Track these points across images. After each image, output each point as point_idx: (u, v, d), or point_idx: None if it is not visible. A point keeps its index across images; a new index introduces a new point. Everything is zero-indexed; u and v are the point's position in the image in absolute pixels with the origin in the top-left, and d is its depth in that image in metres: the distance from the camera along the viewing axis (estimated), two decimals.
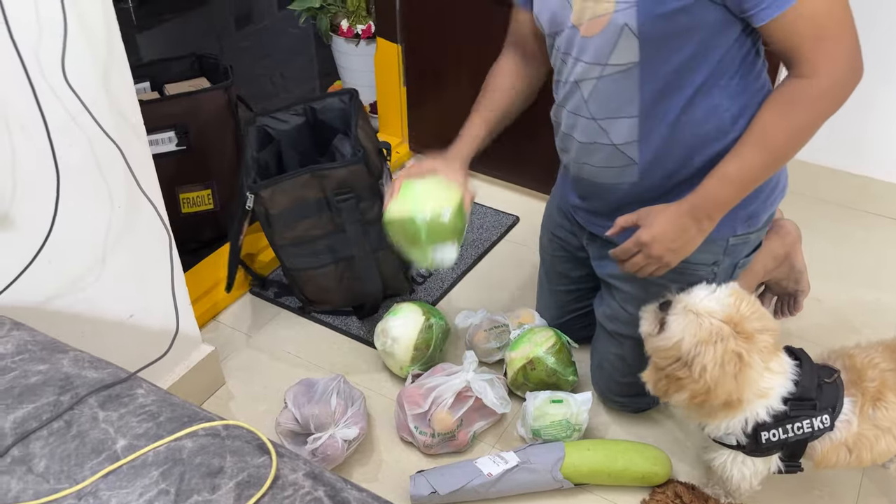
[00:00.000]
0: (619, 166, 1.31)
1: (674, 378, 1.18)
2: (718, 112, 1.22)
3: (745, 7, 1.10)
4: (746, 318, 1.16)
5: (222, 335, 1.79)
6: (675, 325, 1.18)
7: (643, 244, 1.24)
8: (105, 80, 1.18)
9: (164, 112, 1.84)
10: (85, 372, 0.95)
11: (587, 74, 1.25)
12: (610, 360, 1.54)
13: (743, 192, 1.21)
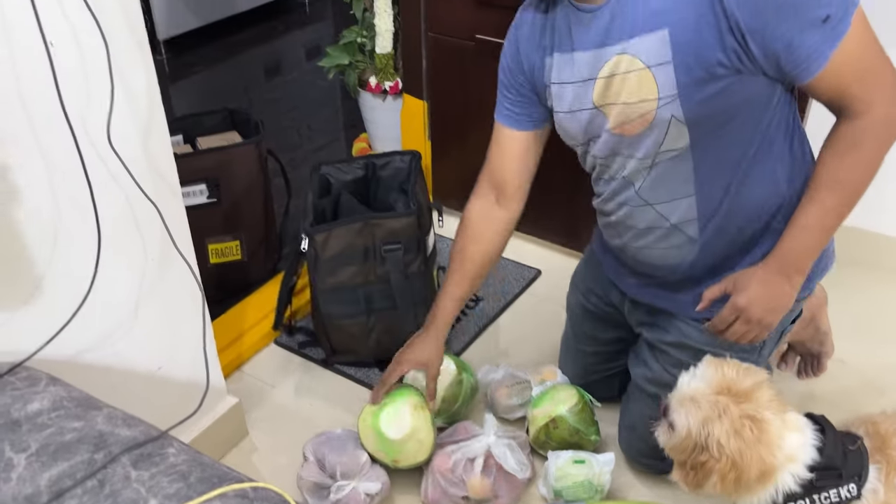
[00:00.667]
0: (678, 245, 1.30)
1: (699, 466, 1.17)
2: (773, 177, 1.23)
3: (788, 71, 1.11)
4: (736, 381, 1.16)
5: (246, 386, 1.81)
6: (678, 420, 1.18)
7: (741, 309, 1.24)
8: (145, 142, 1.23)
9: (197, 166, 1.89)
10: (118, 430, 0.97)
11: (640, 167, 1.25)
12: (644, 422, 1.48)
13: (825, 238, 1.21)
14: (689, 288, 1.35)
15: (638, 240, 1.34)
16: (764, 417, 1.14)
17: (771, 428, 1.15)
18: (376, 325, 1.76)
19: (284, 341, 1.93)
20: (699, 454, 1.16)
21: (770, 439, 1.15)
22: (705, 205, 1.25)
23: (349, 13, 2.41)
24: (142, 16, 1.17)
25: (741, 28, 1.07)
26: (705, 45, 1.09)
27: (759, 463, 1.14)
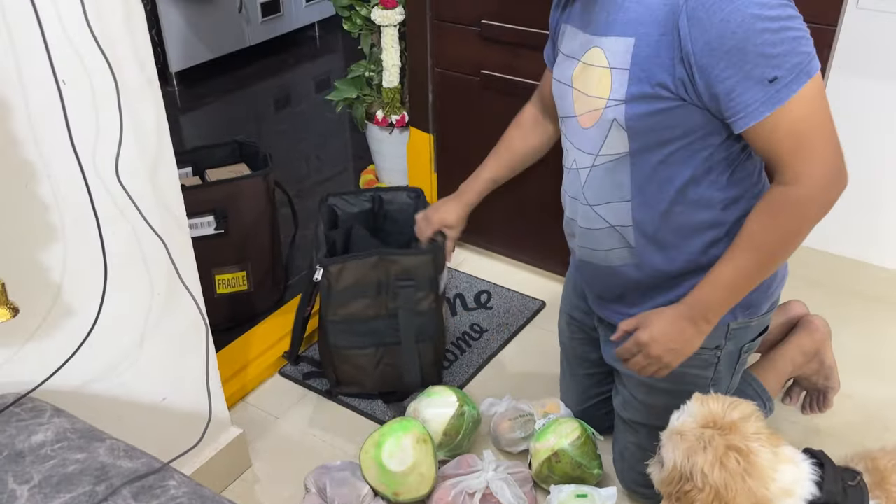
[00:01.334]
0: (617, 248, 1.34)
1: (683, 495, 1.17)
2: (710, 204, 1.26)
3: (725, 114, 1.13)
4: (720, 414, 1.16)
5: (250, 416, 1.82)
6: (665, 455, 1.18)
7: (642, 344, 1.27)
8: (153, 176, 1.26)
9: (205, 197, 1.92)
10: (120, 462, 0.98)
11: (584, 163, 1.31)
12: (630, 450, 1.54)
13: (737, 295, 1.24)
14: (642, 303, 1.37)
15: (584, 240, 1.38)
16: (751, 449, 1.14)
17: (759, 460, 1.14)
18: (383, 357, 1.77)
19: (289, 372, 1.94)
20: (684, 484, 1.16)
21: (760, 471, 1.14)
22: (641, 214, 1.28)
23: (358, 48, 2.46)
24: (152, 53, 1.20)
25: (691, 62, 1.10)
26: (660, 64, 1.13)
27: (748, 495, 1.14)
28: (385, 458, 1.48)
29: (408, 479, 1.48)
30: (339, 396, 1.86)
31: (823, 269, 2.20)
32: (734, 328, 1.37)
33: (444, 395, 1.65)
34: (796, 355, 1.70)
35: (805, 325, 1.72)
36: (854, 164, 2.04)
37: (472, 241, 2.40)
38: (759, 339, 1.44)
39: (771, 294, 1.39)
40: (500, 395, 1.75)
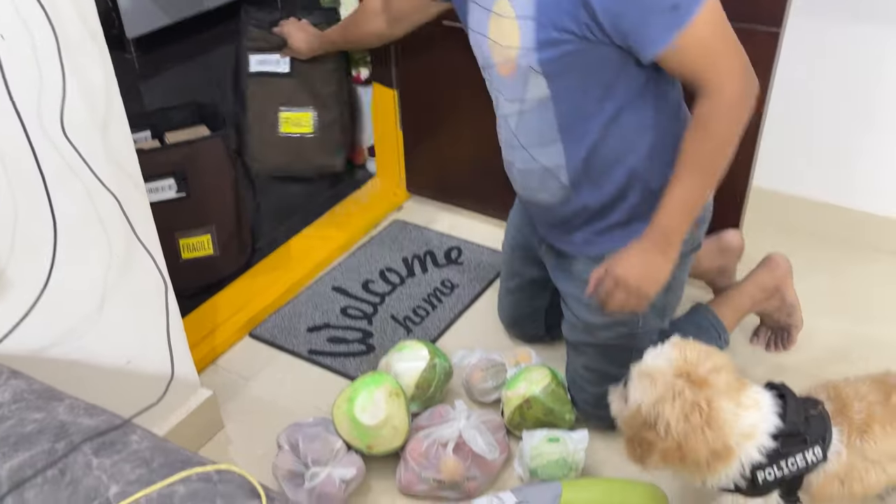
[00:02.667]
0: (553, 188, 1.41)
1: (644, 442, 1.19)
2: (629, 133, 1.33)
3: (635, 47, 1.20)
4: (695, 364, 1.17)
5: (221, 379, 1.80)
6: (633, 393, 1.20)
7: (619, 278, 1.32)
8: (103, 133, 1.22)
9: (164, 160, 1.88)
10: (80, 419, 0.97)
11: (510, 109, 1.38)
12: (579, 373, 1.59)
13: (690, 214, 1.31)
14: (580, 230, 1.47)
15: (523, 181, 1.46)
16: (716, 405, 1.16)
17: (723, 415, 1.16)
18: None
19: (259, 334, 1.93)
20: (646, 431, 1.18)
21: (721, 425, 1.16)
22: (570, 153, 1.35)
23: (317, 9, 2.39)
24: (94, 6, 1.16)
25: (592, 4, 1.15)
26: (563, 10, 1.19)
27: (706, 447, 1.16)
28: (357, 413, 1.48)
29: (381, 432, 1.48)
30: (312, 357, 1.85)
31: (792, 213, 2.22)
32: None
33: (414, 348, 1.65)
34: (755, 291, 1.74)
35: (766, 263, 1.76)
36: (820, 108, 2.06)
37: (442, 198, 2.39)
38: (691, 256, 1.50)
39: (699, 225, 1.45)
40: (473, 347, 1.76)
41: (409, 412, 1.52)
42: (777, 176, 2.19)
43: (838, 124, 2.07)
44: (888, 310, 1.95)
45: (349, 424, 1.48)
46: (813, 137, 2.12)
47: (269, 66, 2.14)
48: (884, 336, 1.86)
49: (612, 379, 1.52)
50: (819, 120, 2.09)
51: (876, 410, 1.24)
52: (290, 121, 2.14)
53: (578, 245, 1.49)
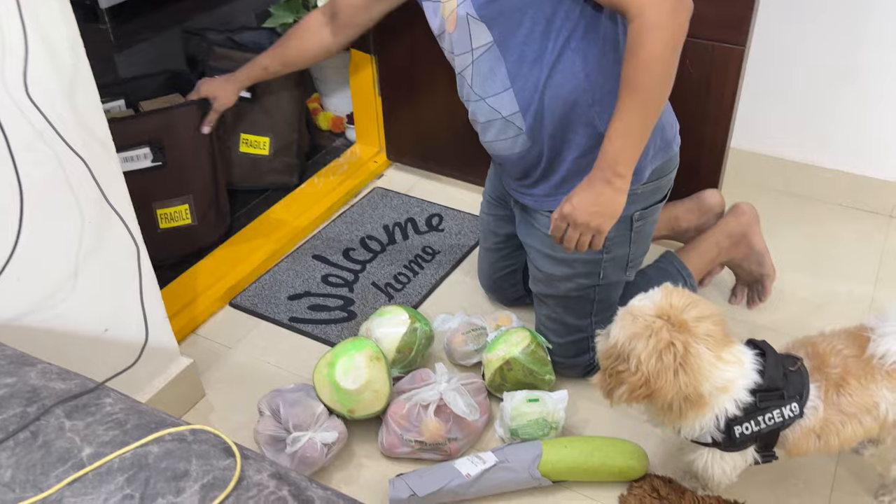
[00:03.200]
0: (512, 136, 1.44)
1: (615, 374, 1.20)
2: (574, 74, 1.35)
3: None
4: (679, 310, 1.18)
5: (202, 348, 1.80)
6: (613, 329, 1.21)
7: (566, 216, 1.33)
8: (71, 97, 1.20)
9: (139, 128, 1.85)
10: (52, 384, 0.96)
11: (464, 63, 1.43)
12: (543, 323, 1.64)
13: (635, 140, 1.28)
14: (540, 182, 1.49)
15: (486, 134, 1.49)
16: (693, 350, 1.17)
17: (698, 360, 1.17)
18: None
19: (240, 302, 1.92)
20: (619, 364, 1.19)
21: (695, 371, 1.17)
22: (522, 97, 1.39)
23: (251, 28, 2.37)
24: None
25: None
26: None
27: (677, 389, 1.17)
28: (339, 377, 1.48)
29: (362, 396, 1.48)
30: (294, 326, 1.85)
31: (768, 173, 2.23)
32: None
33: (395, 313, 1.65)
34: (721, 238, 1.76)
35: (732, 210, 1.79)
36: (796, 68, 2.06)
37: (422, 165, 2.37)
38: (654, 207, 1.51)
39: (651, 160, 1.45)
40: (454, 312, 1.76)
41: (390, 376, 1.52)
42: (753, 137, 2.19)
43: (812, 85, 2.07)
44: (862, 266, 1.96)
45: (330, 389, 1.49)
46: (787, 98, 2.12)
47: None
48: (858, 292, 1.88)
49: (573, 329, 1.56)
50: (793, 81, 2.09)
51: (851, 364, 1.25)
52: (248, 142, 2.22)
53: (539, 199, 1.51)
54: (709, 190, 1.83)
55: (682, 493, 1.42)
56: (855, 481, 1.45)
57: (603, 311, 1.56)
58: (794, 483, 1.45)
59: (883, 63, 1.96)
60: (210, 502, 0.80)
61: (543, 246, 1.53)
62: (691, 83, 1.76)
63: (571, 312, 1.56)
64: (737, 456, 1.31)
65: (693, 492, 1.42)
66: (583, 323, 1.57)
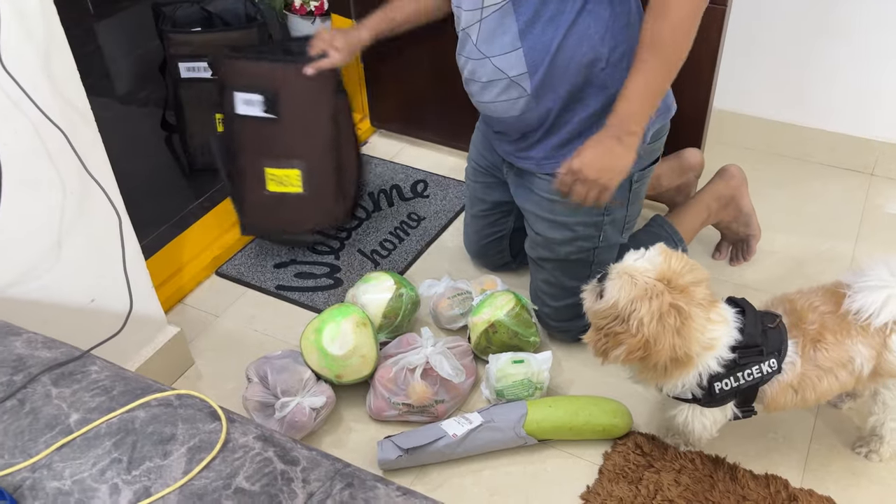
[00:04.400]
0: (515, 97, 1.41)
1: (612, 335, 1.21)
2: (589, 36, 1.34)
3: None
4: (678, 274, 1.19)
5: (189, 317, 1.81)
6: (611, 289, 1.21)
7: (576, 171, 1.32)
8: (46, 65, 1.19)
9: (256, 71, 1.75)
10: (38, 352, 0.97)
11: (472, 20, 1.39)
12: (541, 288, 1.64)
13: (651, 100, 1.30)
14: (539, 143, 1.48)
15: (485, 94, 1.46)
16: (690, 313, 1.18)
17: (693, 323, 1.19)
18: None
19: (226, 271, 1.92)
20: (617, 325, 1.20)
21: (689, 333, 1.19)
22: (532, 58, 1.36)
23: None
24: None
25: None
26: None
27: (671, 351, 1.19)
28: (326, 343, 1.49)
29: (349, 362, 1.50)
30: (281, 293, 1.86)
31: (751, 133, 2.23)
32: None
33: (380, 279, 1.66)
34: (710, 201, 1.77)
35: (721, 173, 1.80)
36: (774, 26, 2.05)
37: (406, 131, 2.36)
38: (650, 168, 1.52)
39: (653, 123, 1.46)
40: (438, 276, 1.77)
41: (376, 341, 1.54)
42: (733, 97, 2.19)
43: (791, 42, 2.07)
44: (843, 224, 1.98)
45: (318, 355, 1.50)
46: (766, 58, 2.11)
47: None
48: (839, 249, 1.90)
49: (571, 293, 1.57)
50: (773, 39, 2.08)
51: (828, 320, 1.27)
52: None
53: (538, 161, 1.50)
54: (689, 149, 1.84)
55: (665, 449, 1.45)
56: (833, 434, 1.48)
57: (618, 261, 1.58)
58: (773, 437, 1.48)
59: (863, 19, 1.96)
60: (196, 464, 0.81)
61: (542, 210, 1.53)
62: None
63: (570, 275, 1.57)
64: (716, 411, 1.33)
65: (675, 448, 1.45)
66: (580, 286, 1.58)
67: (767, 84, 2.16)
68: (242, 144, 1.77)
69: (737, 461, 1.43)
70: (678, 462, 1.42)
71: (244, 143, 1.77)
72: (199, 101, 2.14)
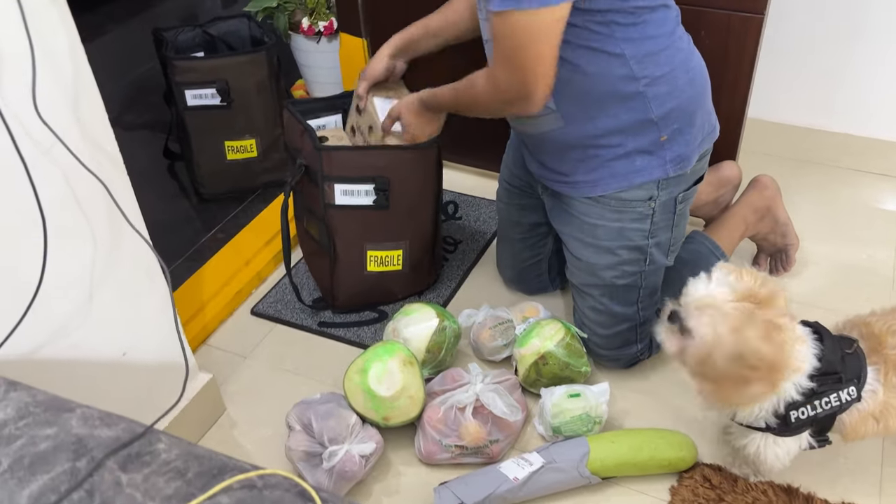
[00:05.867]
0: (543, 114, 1.36)
1: (738, 379, 1.13)
2: (621, 59, 1.28)
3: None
4: (755, 288, 1.13)
5: (216, 359, 1.71)
6: (700, 328, 1.12)
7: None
8: (75, 109, 1.10)
9: (365, 162, 1.63)
10: (97, 431, 0.88)
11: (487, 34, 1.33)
12: (587, 315, 1.57)
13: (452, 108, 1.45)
14: (580, 162, 1.41)
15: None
16: (784, 324, 1.12)
17: (789, 335, 1.12)
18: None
19: (261, 310, 1.82)
20: (740, 367, 1.11)
21: (789, 347, 1.12)
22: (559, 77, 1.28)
23: None
24: None
25: None
26: None
27: (786, 369, 1.11)
28: (373, 384, 1.41)
29: (397, 403, 1.42)
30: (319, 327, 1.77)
31: (776, 140, 2.19)
32: (665, 181, 1.39)
33: (422, 311, 1.58)
34: (747, 213, 1.74)
35: (754, 184, 1.77)
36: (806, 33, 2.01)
37: None
38: (694, 188, 1.47)
39: (700, 146, 1.41)
40: (477, 305, 1.70)
41: (423, 380, 1.46)
42: (759, 105, 2.15)
43: (817, 49, 2.03)
44: (878, 230, 1.95)
45: (364, 397, 1.42)
46: (793, 64, 2.08)
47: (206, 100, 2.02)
48: (879, 256, 1.86)
49: (621, 319, 1.51)
50: (799, 45, 2.04)
51: None
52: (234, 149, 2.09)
53: (577, 185, 1.44)
54: (726, 161, 1.79)
55: (734, 480, 1.39)
56: None
57: (648, 297, 1.52)
58: (843, 462, 1.42)
59: (887, 20, 1.92)
60: None
61: (583, 234, 1.47)
62: (707, 53, 1.70)
63: (618, 301, 1.51)
64: (790, 440, 1.28)
65: (745, 479, 1.39)
66: (629, 311, 1.52)
67: (793, 90, 2.12)
68: (343, 232, 1.66)
69: (810, 490, 1.37)
70: (750, 494, 1.36)
71: (345, 231, 1.66)
72: (208, 129, 2.05)
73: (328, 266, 1.71)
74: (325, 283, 1.77)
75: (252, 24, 2.15)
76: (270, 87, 2.05)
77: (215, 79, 1.98)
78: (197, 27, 2.13)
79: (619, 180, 1.39)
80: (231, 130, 2.06)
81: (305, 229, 1.80)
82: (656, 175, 1.37)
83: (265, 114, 2.07)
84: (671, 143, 1.36)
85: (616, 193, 1.40)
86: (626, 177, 1.38)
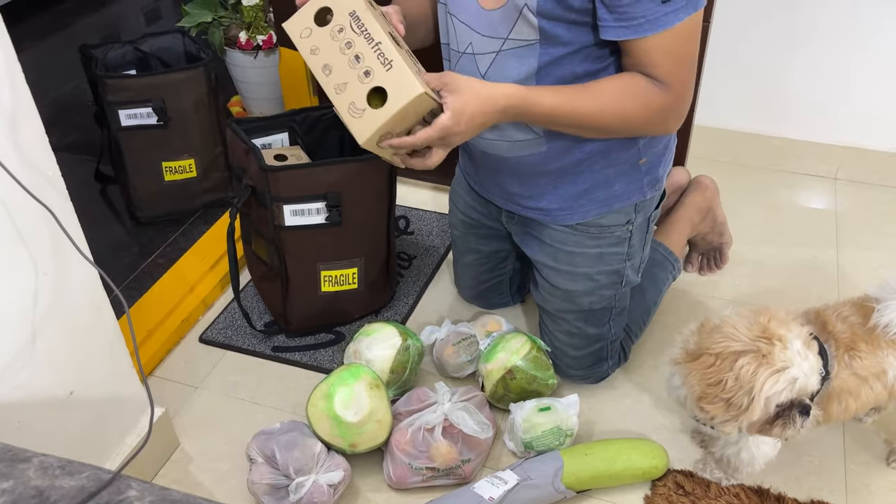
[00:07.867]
0: (525, 139, 1.29)
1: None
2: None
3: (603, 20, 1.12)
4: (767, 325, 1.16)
5: (165, 391, 1.62)
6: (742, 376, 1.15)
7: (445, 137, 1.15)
8: (13, 132, 1.02)
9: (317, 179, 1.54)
10: (59, 482, 0.80)
11: (485, 48, 1.22)
12: (559, 339, 1.55)
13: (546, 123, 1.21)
14: (555, 188, 1.36)
15: (489, 131, 1.30)
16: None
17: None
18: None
19: (210, 337, 1.73)
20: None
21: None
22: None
23: None
24: None
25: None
26: None
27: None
28: (339, 410, 1.36)
29: (365, 428, 1.37)
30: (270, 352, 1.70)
31: (720, 145, 2.24)
32: (641, 203, 1.39)
33: (383, 330, 1.54)
34: (693, 214, 1.77)
35: (695, 185, 1.79)
36: (744, 39, 2.06)
37: None
38: (660, 205, 1.47)
39: (667, 164, 1.42)
40: (437, 321, 1.66)
41: (390, 404, 1.42)
42: (705, 111, 2.20)
43: (755, 55, 2.09)
44: (819, 231, 2.00)
45: (330, 423, 1.36)
46: (731, 70, 2.13)
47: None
48: (822, 258, 1.92)
49: (594, 339, 1.50)
50: (737, 53, 2.10)
51: (859, 331, 1.26)
52: (172, 169, 2.00)
53: (551, 213, 1.40)
54: (677, 168, 1.82)
55: (707, 485, 1.39)
56: (864, 451, 1.46)
57: (618, 315, 1.51)
58: (808, 460, 1.45)
59: (821, 28, 1.99)
60: None
61: (559, 262, 1.43)
62: None
63: (592, 323, 1.49)
64: (768, 443, 1.29)
65: (717, 483, 1.40)
66: (602, 331, 1.50)
67: (733, 95, 2.17)
68: (295, 253, 1.59)
69: (780, 491, 1.38)
70: (723, 498, 1.37)
71: (297, 252, 1.59)
72: (144, 150, 1.96)
73: (280, 289, 1.65)
74: (277, 307, 1.70)
75: (187, 40, 2.06)
76: (209, 105, 1.97)
77: (151, 97, 1.89)
78: (127, 44, 2.04)
79: (599, 206, 1.36)
80: (168, 150, 1.97)
81: (254, 252, 1.73)
82: (635, 198, 1.36)
83: (203, 132, 1.99)
84: (649, 165, 1.35)
85: (595, 220, 1.38)
86: (606, 202, 1.36)
